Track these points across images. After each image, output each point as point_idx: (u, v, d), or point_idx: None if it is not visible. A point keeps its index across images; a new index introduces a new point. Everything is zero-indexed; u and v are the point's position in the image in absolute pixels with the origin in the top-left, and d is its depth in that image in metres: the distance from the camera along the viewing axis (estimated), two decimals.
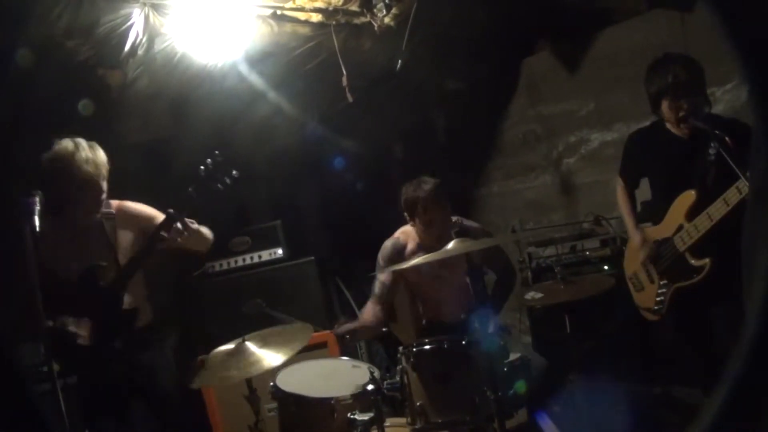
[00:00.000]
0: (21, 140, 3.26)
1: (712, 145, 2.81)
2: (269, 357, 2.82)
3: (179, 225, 2.95)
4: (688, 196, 2.96)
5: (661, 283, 3.14)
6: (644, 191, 3.39)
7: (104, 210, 3.10)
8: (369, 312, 3.51)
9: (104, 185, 3.01)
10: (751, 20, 1.13)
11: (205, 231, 3.15)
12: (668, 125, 3.09)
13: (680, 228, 3.00)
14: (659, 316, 3.19)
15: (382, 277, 3.50)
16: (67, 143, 2.93)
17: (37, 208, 2.46)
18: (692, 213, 2.94)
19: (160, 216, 3.10)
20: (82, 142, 2.96)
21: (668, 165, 3.11)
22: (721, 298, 2.87)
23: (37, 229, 2.40)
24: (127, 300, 3.03)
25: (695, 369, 3.23)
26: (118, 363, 2.98)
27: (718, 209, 2.80)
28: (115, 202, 3.16)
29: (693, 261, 2.97)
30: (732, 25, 1.15)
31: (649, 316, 3.26)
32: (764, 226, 1.35)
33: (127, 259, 3.06)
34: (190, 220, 3.00)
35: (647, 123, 3.31)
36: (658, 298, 3.16)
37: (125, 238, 3.11)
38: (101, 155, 2.99)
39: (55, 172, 2.90)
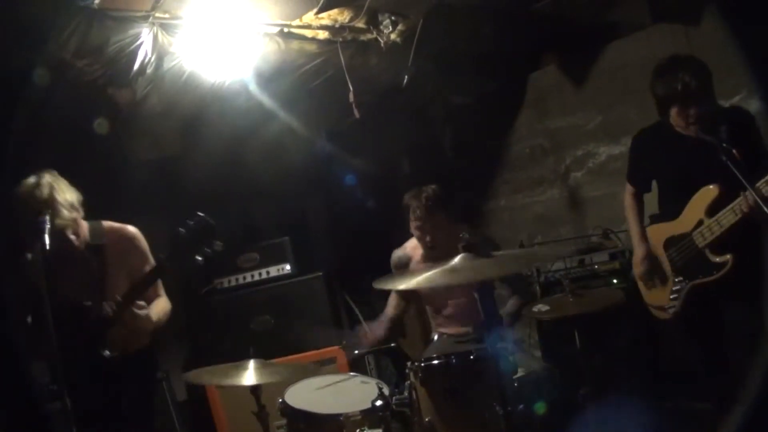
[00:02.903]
0: (32, 159, 3.29)
1: (723, 146, 2.76)
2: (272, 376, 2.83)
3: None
4: (709, 192, 2.88)
5: (676, 280, 3.06)
6: (650, 204, 3.36)
7: (93, 242, 2.81)
8: (393, 302, 3.64)
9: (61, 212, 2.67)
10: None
11: (151, 317, 2.77)
12: (673, 123, 3.04)
13: (700, 223, 2.92)
14: (672, 314, 3.10)
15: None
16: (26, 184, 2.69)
17: (47, 226, 2.47)
18: (713, 208, 2.86)
19: (150, 262, 2.87)
20: (38, 187, 2.67)
21: (678, 164, 3.05)
22: (738, 298, 2.82)
23: (47, 247, 2.41)
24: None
25: (705, 373, 3.16)
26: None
27: (742, 205, 2.72)
28: (111, 226, 2.90)
29: (714, 257, 2.89)
30: (744, 40, 1.15)
31: (661, 314, 3.17)
32: None
33: (115, 288, 2.76)
34: (141, 304, 2.70)
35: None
36: (672, 296, 3.07)
37: (115, 266, 2.82)
38: (57, 187, 2.70)
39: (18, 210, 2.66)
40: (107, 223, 2.91)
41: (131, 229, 2.92)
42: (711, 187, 2.88)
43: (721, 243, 2.86)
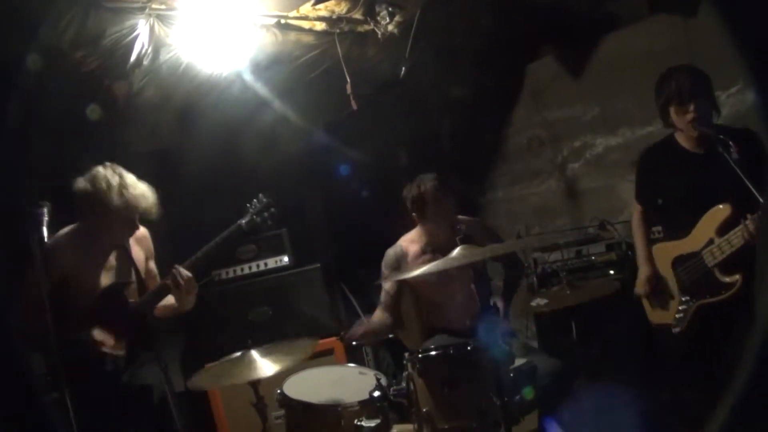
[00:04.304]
0: (29, 151, 3.29)
1: (731, 149, 2.75)
2: (272, 365, 2.84)
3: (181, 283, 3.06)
4: (721, 211, 2.84)
5: (683, 299, 3.03)
6: None
7: None
8: (377, 317, 3.55)
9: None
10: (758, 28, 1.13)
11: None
12: (679, 140, 3.04)
13: (710, 242, 2.88)
14: (676, 333, 3.06)
15: (387, 286, 3.55)
16: (110, 175, 2.97)
17: (45, 218, 2.48)
18: (724, 228, 2.82)
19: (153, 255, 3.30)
20: (127, 177, 3.01)
21: (684, 181, 3.02)
22: (744, 318, 2.74)
23: (45, 239, 2.42)
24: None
25: (704, 380, 3.14)
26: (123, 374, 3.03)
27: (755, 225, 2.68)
28: None
29: (723, 277, 2.85)
30: (740, 33, 1.14)
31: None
32: None
33: (142, 273, 3.17)
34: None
35: (652, 129, 3.27)
36: (677, 315, 3.04)
37: (139, 255, 3.21)
38: (147, 192, 3.06)
39: (95, 201, 2.94)
40: None
41: (143, 228, 3.25)
42: (722, 206, 2.84)
43: (731, 263, 2.82)
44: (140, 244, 3.24)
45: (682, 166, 3.04)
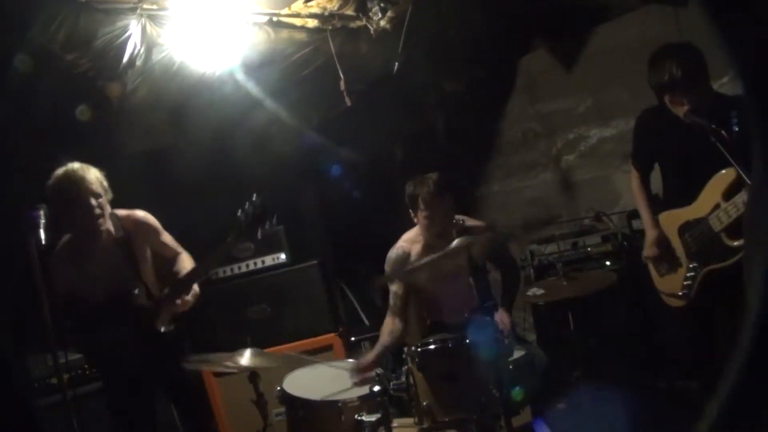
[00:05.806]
0: (24, 153, 3.29)
1: (712, 128, 2.73)
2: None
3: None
4: (726, 175, 2.81)
5: (690, 266, 3.00)
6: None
7: (117, 235, 3.14)
8: (387, 327, 3.44)
9: (94, 202, 3.04)
10: (743, 19, 1.13)
11: (197, 291, 3.24)
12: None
13: (716, 207, 2.85)
14: (685, 301, 3.04)
15: (395, 288, 3.48)
16: (65, 167, 3.00)
17: (42, 221, 2.48)
18: (730, 192, 2.79)
19: (161, 230, 3.26)
20: (75, 164, 3.02)
21: (680, 147, 3.01)
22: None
23: (42, 241, 2.42)
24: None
25: (706, 360, 3.13)
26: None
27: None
28: (123, 214, 3.19)
29: (731, 242, 2.81)
30: (725, 23, 1.14)
31: (673, 301, 3.11)
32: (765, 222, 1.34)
33: (148, 270, 3.19)
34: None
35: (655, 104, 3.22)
36: (685, 282, 3.02)
37: (142, 252, 3.19)
38: (90, 176, 3.03)
39: (53, 199, 2.94)
40: (120, 212, 3.21)
41: (140, 213, 3.26)
42: (727, 170, 2.81)
43: (738, 227, 2.76)
44: (139, 229, 3.21)
45: (679, 134, 3.01)
